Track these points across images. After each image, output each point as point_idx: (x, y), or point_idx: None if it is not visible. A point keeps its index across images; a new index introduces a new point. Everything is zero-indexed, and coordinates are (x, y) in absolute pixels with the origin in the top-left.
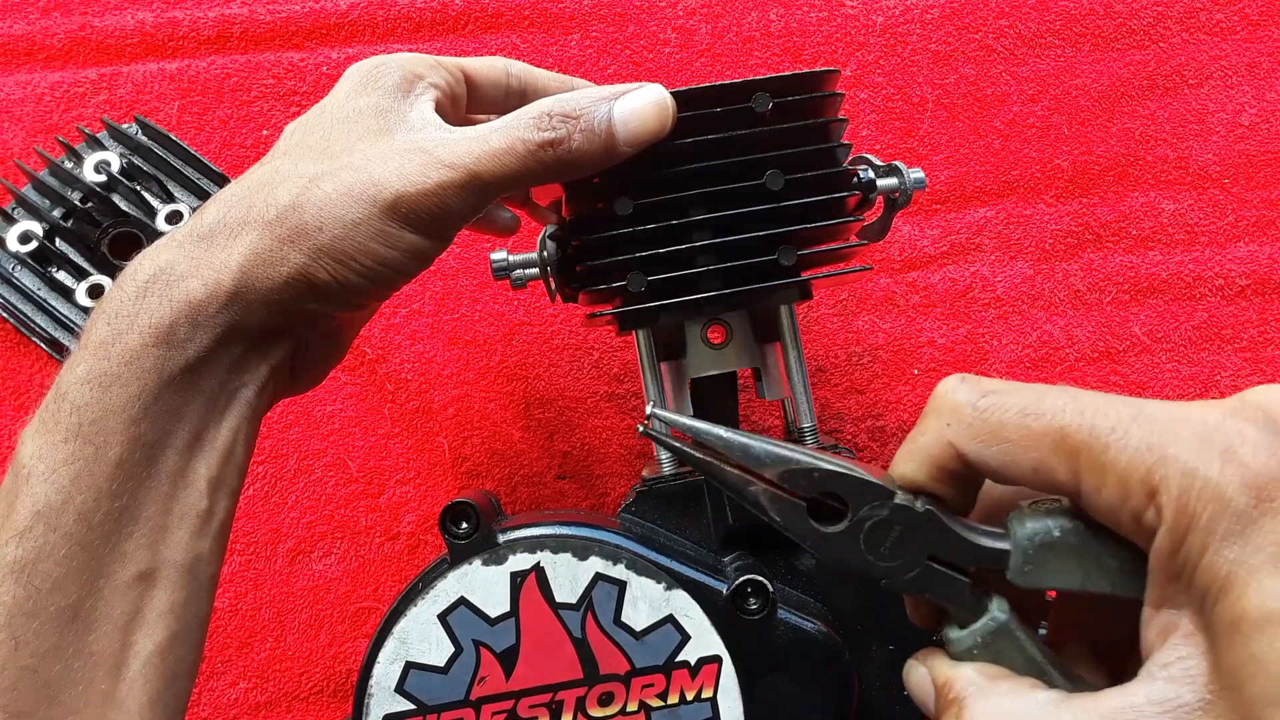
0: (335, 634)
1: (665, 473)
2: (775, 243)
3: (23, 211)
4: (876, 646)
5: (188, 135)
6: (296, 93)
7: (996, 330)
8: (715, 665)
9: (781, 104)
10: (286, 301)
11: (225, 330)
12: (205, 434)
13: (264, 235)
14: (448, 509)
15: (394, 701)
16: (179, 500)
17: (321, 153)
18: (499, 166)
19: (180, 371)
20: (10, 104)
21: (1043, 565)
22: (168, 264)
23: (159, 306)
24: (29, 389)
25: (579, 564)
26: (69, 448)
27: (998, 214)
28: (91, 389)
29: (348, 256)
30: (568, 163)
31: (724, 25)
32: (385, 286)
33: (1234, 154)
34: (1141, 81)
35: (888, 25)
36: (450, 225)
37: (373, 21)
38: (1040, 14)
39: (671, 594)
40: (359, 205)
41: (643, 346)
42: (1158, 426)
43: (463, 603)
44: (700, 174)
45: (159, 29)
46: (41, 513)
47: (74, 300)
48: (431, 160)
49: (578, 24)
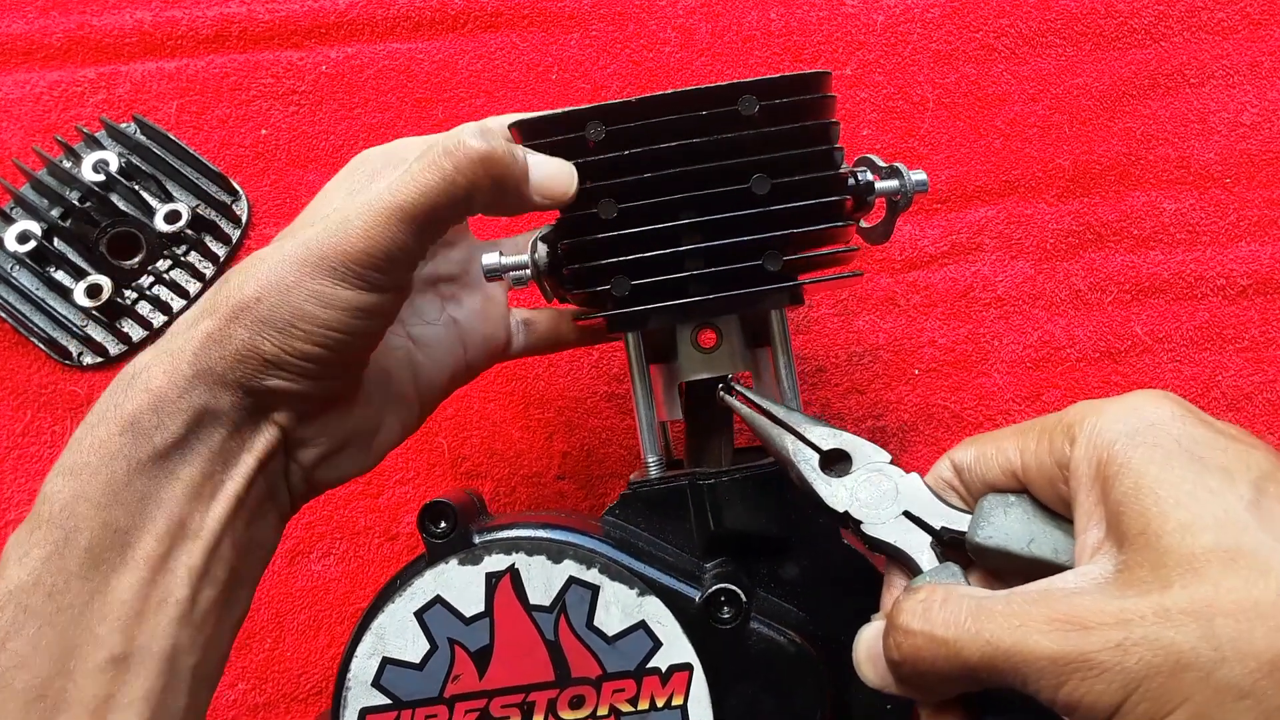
0: (334, 635)
1: (652, 476)
2: (762, 248)
3: (21, 211)
4: None
5: (186, 135)
6: (295, 92)
7: (997, 330)
8: (686, 673)
9: (769, 107)
10: (245, 380)
11: (194, 416)
12: (188, 523)
13: (215, 317)
14: (426, 508)
15: (371, 696)
16: (157, 586)
17: (281, 237)
18: (416, 188)
19: (150, 458)
20: (8, 103)
21: (996, 525)
22: (141, 362)
23: (126, 398)
24: (28, 389)
25: (553, 567)
26: (40, 533)
27: (999, 214)
28: (63, 478)
29: (286, 324)
30: (483, 170)
31: (724, 25)
32: (342, 351)
33: (1235, 153)
34: (1143, 81)
35: (888, 25)
36: (384, 270)
37: (372, 21)
38: (1041, 13)
39: (644, 600)
40: (290, 269)
41: (632, 349)
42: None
43: (439, 601)
44: (686, 178)
45: (157, 28)
46: (13, 593)
47: (72, 300)
48: (355, 207)
49: (578, 24)
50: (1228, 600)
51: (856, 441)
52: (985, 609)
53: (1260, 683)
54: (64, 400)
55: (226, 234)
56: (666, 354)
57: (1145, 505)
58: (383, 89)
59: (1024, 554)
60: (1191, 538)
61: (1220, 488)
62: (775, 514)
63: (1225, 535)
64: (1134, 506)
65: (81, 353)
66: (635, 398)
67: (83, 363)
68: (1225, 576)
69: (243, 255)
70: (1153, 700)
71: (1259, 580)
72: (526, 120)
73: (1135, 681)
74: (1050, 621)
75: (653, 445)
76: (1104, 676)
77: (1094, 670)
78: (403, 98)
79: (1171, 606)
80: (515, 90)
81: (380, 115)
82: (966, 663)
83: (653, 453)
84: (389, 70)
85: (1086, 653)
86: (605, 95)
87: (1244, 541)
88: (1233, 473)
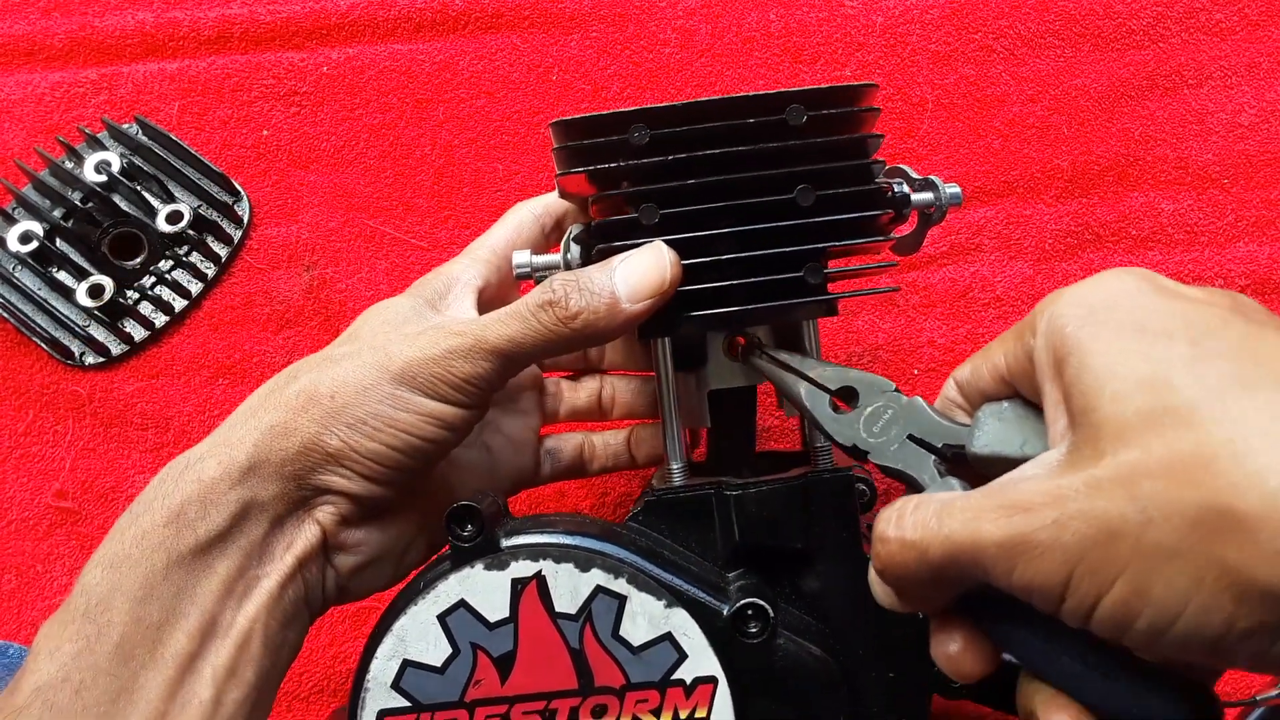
0: (335, 634)
1: (676, 483)
2: (803, 259)
3: (23, 211)
4: (875, 671)
5: (188, 135)
6: (297, 93)
7: (997, 330)
8: (711, 686)
9: (816, 117)
10: (301, 474)
11: (240, 509)
12: (219, 620)
13: (280, 410)
14: (452, 511)
15: (390, 698)
16: (184, 686)
17: (349, 340)
18: (505, 329)
19: (191, 551)
20: (11, 104)
21: (990, 432)
22: (197, 453)
23: (176, 488)
24: (29, 389)
25: (580, 575)
26: (74, 627)
27: (998, 214)
28: (102, 570)
29: (358, 421)
30: (574, 327)
31: (724, 25)
32: (410, 454)
33: (1234, 154)
34: (1141, 81)
35: (888, 25)
36: (466, 390)
37: (373, 21)
38: (1040, 14)
39: (671, 612)
40: (370, 372)
41: (661, 355)
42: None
43: (463, 605)
44: (730, 186)
45: (159, 29)
46: (40, 689)
47: (74, 300)
48: (443, 332)
49: (578, 24)
50: (1153, 461)
51: (863, 376)
52: (948, 508)
53: (1187, 540)
54: (66, 400)
55: (228, 234)
56: (694, 361)
57: (1086, 383)
58: (384, 90)
59: (1019, 456)
60: (1122, 405)
61: (1157, 351)
62: (799, 526)
63: (1154, 397)
64: (1078, 387)
65: (84, 353)
66: (662, 404)
67: (85, 363)
68: (1151, 438)
69: (244, 255)
70: (1093, 574)
71: (1183, 435)
72: (569, 121)
73: (1075, 557)
74: (998, 509)
75: (677, 452)
76: (1046, 556)
77: (1036, 550)
78: (403, 98)
79: (1102, 477)
80: (515, 91)
81: (381, 116)
82: (933, 562)
83: (677, 459)
84: (390, 71)
85: (1027, 534)
86: (605, 96)
87: (1171, 400)
88: (1172, 333)
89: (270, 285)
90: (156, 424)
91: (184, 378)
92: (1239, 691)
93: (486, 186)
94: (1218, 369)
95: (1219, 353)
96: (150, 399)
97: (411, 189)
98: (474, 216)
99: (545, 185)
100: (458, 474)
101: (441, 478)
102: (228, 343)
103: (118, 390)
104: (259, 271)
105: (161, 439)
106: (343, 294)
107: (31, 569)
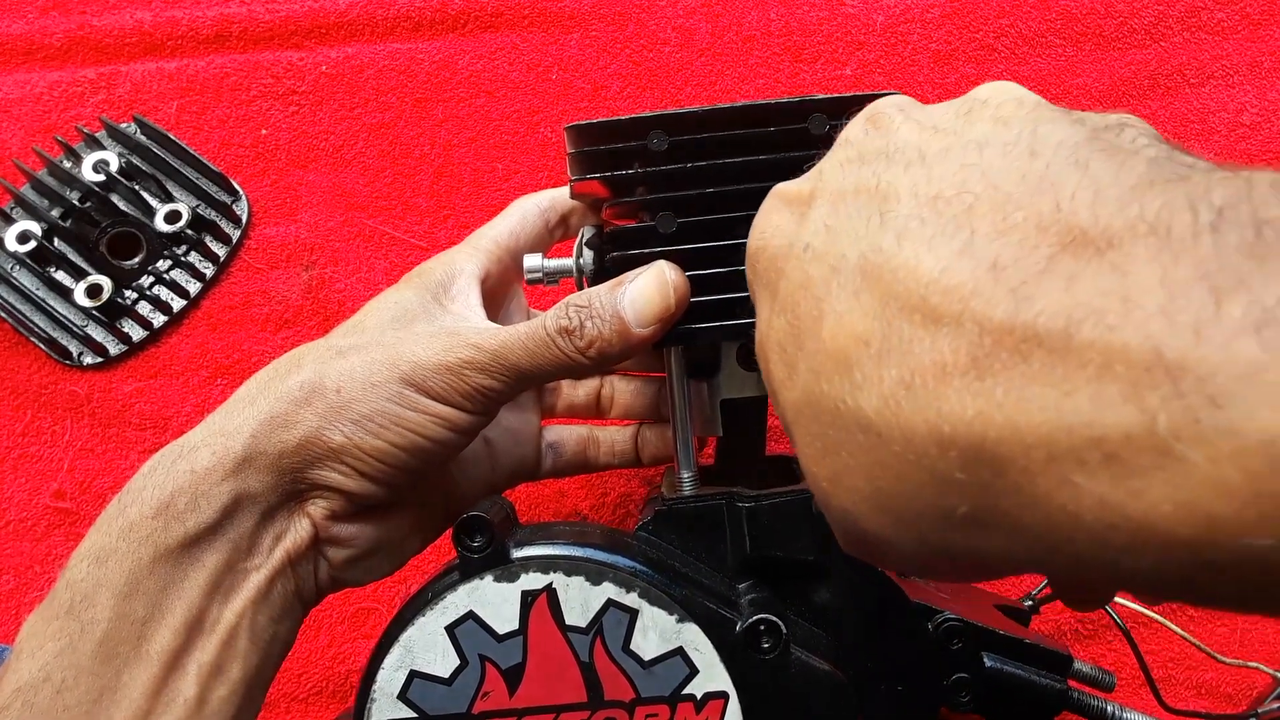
0: (334, 635)
1: (686, 493)
2: None
3: (21, 211)
4: (884, 684)
5: (186, 135)
6: (295, 92)
7: None
8: (721, 701)
9: (839, 126)
10: (298, 467)
11: (231, 501)
12: (205, 615)
13: (280, 400)
14: (462, 522)
15: (396, 708)
16: (168, 684)
17: (354, 331)
18: (524, 351)
19: (178, 545)
20: (9, 103)
21: None
22: (190, 441)
23: (165, 478)
24: (28, 389)
25: (591, 588)
26: (57, 624)
27: None
28: (88, 564)
29: (364, 418)
30: (590, 355)
31: (724, 25)
32: (415, 454)
33: (1235, 154)
34: (1142, 81)
35: (888, 25)
36: (476, 400)
37: (372, 21)
38: (1041, 13)
39: (683, 626)
40: (379, 369)
41: (673, 365)
42: None
43: (471, 617)
44: (749, 194)
45: (158, 28)
46: (21, 689)
47: (72, 300)
48: (459, 341)
49: (578, 24)
50: None
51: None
52: None
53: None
54: (64, 400)
55: (227, 234)
56: (706, 370)
57: None
58: (383, 89)
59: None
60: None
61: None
62: (812, 539)
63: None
64: None
65: (82, 353)
66: (673, 414)
67: (83, 363)
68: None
69: (243, 255)
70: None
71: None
72: (585, 126)
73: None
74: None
75: (689, 461)
76: None
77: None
78: (403, 98)
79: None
80: (515, 90)
81: (380, 115)
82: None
83: (688, 468)
84: (389, 70)
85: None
86: (605, 95)
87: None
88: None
89: (269, 285)
90: (155, 424)
91: (182, 378)
92: (1240, 693)
93: (486, 186)
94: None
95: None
96: (149, 399)
97: (411, 189)
98: (474, 216)
99: (544, 185)
100: (457, 464)
101: (440, 468)
102: (226, 343)
103: (116, 390)
104: (258, 271)
105: (160, 439)
106: (342, 294)
107: (29, 569)
